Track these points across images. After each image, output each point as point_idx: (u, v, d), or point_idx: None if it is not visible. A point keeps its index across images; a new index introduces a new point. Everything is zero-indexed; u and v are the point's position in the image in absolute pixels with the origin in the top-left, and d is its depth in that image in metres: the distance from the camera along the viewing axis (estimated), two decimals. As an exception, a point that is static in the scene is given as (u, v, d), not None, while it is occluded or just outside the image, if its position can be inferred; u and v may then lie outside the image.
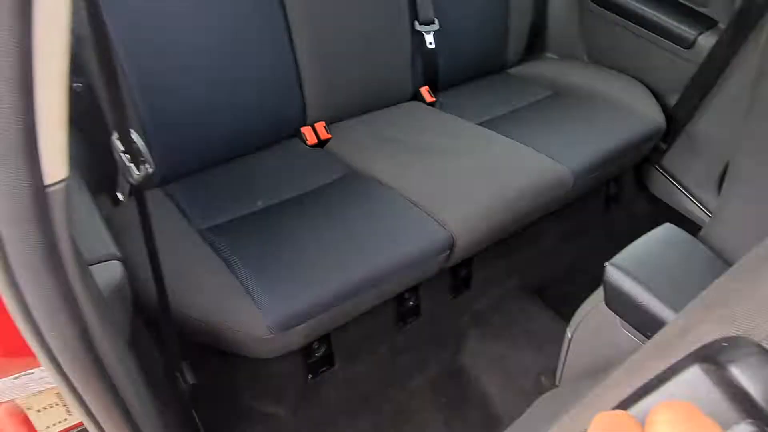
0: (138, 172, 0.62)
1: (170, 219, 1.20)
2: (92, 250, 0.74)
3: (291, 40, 1.39)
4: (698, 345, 0.26)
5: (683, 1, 1.63)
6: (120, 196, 0.67)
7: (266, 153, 1.43)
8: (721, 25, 1.54)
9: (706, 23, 1.57)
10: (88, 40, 1.10)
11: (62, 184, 0.43)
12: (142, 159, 0.63)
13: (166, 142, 1.28)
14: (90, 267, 0.72)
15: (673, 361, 0.25)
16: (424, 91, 1.67)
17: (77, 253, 0.54)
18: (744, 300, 0.31)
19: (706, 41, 1.54)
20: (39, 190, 0.40)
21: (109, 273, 0.74)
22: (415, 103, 1.65)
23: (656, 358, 0.31)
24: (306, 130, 1.47)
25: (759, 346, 0.25)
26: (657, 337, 0.36)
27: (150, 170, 0.64)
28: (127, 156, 0.62)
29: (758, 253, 0.39)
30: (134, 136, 0.62)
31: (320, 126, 1.49)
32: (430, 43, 1.62)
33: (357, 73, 1.52)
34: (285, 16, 1.37)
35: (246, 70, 1.34)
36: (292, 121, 1.47)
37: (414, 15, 1.58)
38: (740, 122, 0.95)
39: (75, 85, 1.09)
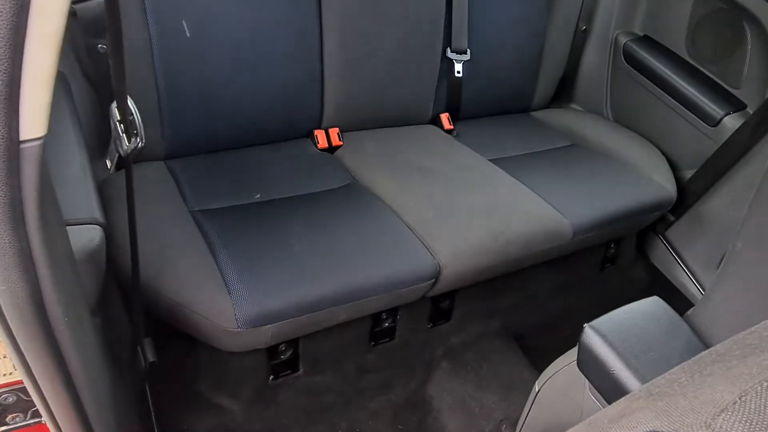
0: (128, 144, 0.62)
1: (166, 194, 1.20)
2: (75, 211, 0.74)
3: (321, 45, 1.40)
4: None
5: (716, 79, 1.62)
6: (108, 163, 0.67)
7: (275, 148, 1.44)
8: (750, 110, 1.54)
9: (735, 105, 1.56)
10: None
11: (38, 142, 0.42)
12: (135, 132, 0.63)
13: (179, 117, 1.28)
14: (68, 227, 0.72)
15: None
16: (444, 117, 1.67)
17: (52, 211, 0.53)
18: (685, 397, 0.30)
19: (732, 123, 1.53)
20: (13, 144, 0.40)
21: (87, 236, 0.73)
22: (432, 128, 1.65)
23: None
24: (319, 134, 1.48)
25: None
26: (595, 416, 0.35)
27: (140, 145, 0.64)
28: (122, 126, 0.62)
29: (717, 350, 0.38)
30: (132, 107, 0.62)
31: (334, 132, 1.49)
32: (458, 72, 1.62)
33: (380, 87, 1.52)
34: (320, 21, 1.38)
35: (272, 65, 1.34)
36: (307, 122, 1.48)
37: (448, 41, 1.59)
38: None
39: (99, 46, 1.10)
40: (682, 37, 1.69)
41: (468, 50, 1.62)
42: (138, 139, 0.63)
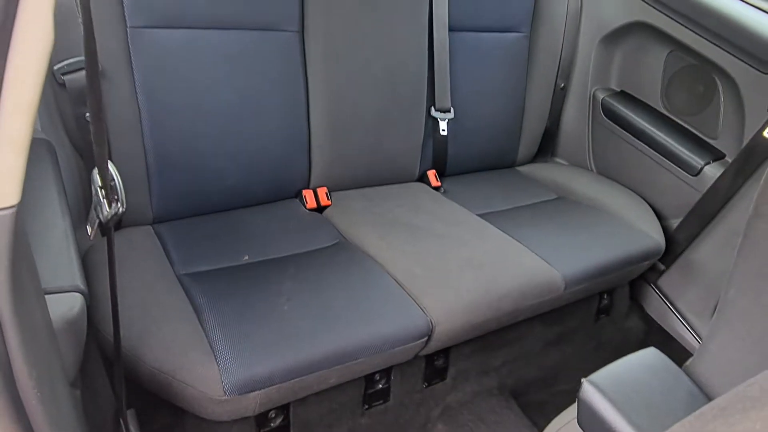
0: (108, 210, 0.62)
1: (153, 258, 1.18)
2: (55, 279, 0.73)
3: (308, 107, 1.43)
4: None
5: (693, 130, 1.67)
6: (88, 229, 0.66)
7: (264, 209, 1.44)
8: (728, 159, 1.57)
9: (714, 154, 1.60)
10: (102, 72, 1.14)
11: (10, 210, 0.42)
12: (116, 197, 0.63)
13: (167, 181, 1.29)
14: (48, 296, 0.70)
15: None
16: (431, 174, 1.69)
17: (29, 280, 0.52)
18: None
19: (712, 171, 1.56)
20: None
21: (67, 304, 0.72)
22: (420, 185, 1.66)
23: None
24: (307, 193, 1.48)
25: None
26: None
27: (121, 210, 0.63)
28: (103, 192, 0.62)
29: (718, 404, 0.37)
30: (113, 173, 0.62)
31: (322, 191, 1.50)
32: (444, 130, 1.66)
33: (367, 147, 1.55)
34: (306, 84, 1.41)
35: (259, 128, 1.37)
36: (295, 183, 1.49)
37: (432, 101, 1.63)
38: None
39: (87, 115, 1.11)
40: (657, 91, 1.75)
41: (452, 109, 1.66)
42: (119, 205, 0.63)
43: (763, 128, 1.41)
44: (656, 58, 1.73)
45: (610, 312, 1.73)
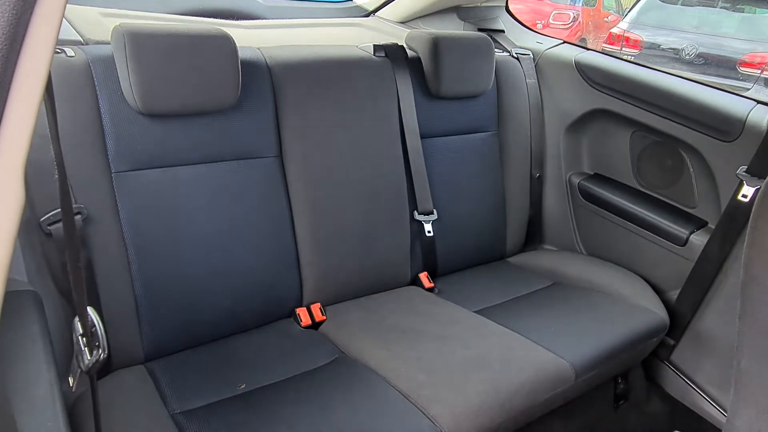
0: (89, 357, 0.60)
1: (145, 399, 1.14)
2: (39, 438, 0.69)
3: (293, 226, 1.45)
4: None
5: (672, 203, 1.71)
6: (71, 380, 0.64)
7: (257, 333, 1.41)
8: (711, 225, 1.59)
9: (697, 222, 1.62)
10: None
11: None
12: (97, 343, 0.61)
13: (157, 318, 1.27)
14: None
15: None
16: (423, 276, 1.68)
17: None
18: None
19: (699, 239, 1.57)
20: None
21: (52, 465, 0.67)
22: (413, 288, 1.65)
23: None
24: (301, 311, 1.46)
25: None
26: None
27: (103, 356, 0.62)
28: (84, 339, 0.61)
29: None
30: (94, 319, 0.61)
31: (316, 307, 1.48)
32: (429, 232, 1.68)
33: (356, 258, 1.55)
34: (289, 203, 1.45)
35: (247, 253, 1.38)
36: (288, 302, 1.47)
37: (414, 205, 1.67)
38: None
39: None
40: (629, 170, 1.81)
41: (434, 210, 1.69)
42: (100, 351, 0.61)
43: (736, 192, 1.45)
44: (622, 139, 1.81)
45: (629, 397, 1.65)
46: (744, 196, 1.43)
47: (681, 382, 1.64)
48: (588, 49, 1.90)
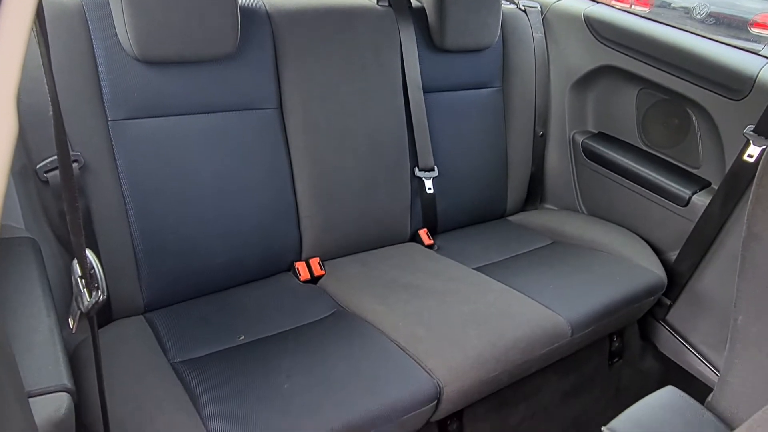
0: (89, 299, 0.60)
1: (145, 349, 1.15)
2: (40, 380, 0.70)
3: (293, 179, 1.44)
4: None
5: (676, 162, 1.69)
6: (70, 322, 0.64)
7: (256, 286, 1.41)
8: (714, 186, 1.58)
9: (700, 183, 1.61)
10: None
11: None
12: (96, 285, 0.61)
13: (156, 268, 1.27)
14: (32, 399, 0.67)
15: None
16: (423, 233, 1.68)
17: (9, 386, 0.49)
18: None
19: (701, 200, 1.56)
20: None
21: (54, 405, 0.68)
22: (412, 245, 1.65)
23: None
24: (300, 266, 1.47)
25: None
26: None
27: (102, 297, 0.61)
28: (83, 281, 0.61)
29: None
30: (93, 261, 0.61)
31: (315, 262, 1.48)
32: (430, 189, 1.67)
33: (356, 214, 1.55)
34: (289, 155, 1.43)
35: (245, 205, 1.37)
36: (287, 256, 1.47)
37: (415, 161, 1.65)
38: (738, 281, 0.93)
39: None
40: (633, 129, 1.78)
41: (435, 167, 1.67)
42: (100, 292, 0.61)
43: (742, 152, 1.42)
44: (628, 97, 1.77)
45: (624, 354, 1.68)
46: (750, 156, 1.40)
47: (675, 341, 1.65)
48: (597, 2, 1.84)
